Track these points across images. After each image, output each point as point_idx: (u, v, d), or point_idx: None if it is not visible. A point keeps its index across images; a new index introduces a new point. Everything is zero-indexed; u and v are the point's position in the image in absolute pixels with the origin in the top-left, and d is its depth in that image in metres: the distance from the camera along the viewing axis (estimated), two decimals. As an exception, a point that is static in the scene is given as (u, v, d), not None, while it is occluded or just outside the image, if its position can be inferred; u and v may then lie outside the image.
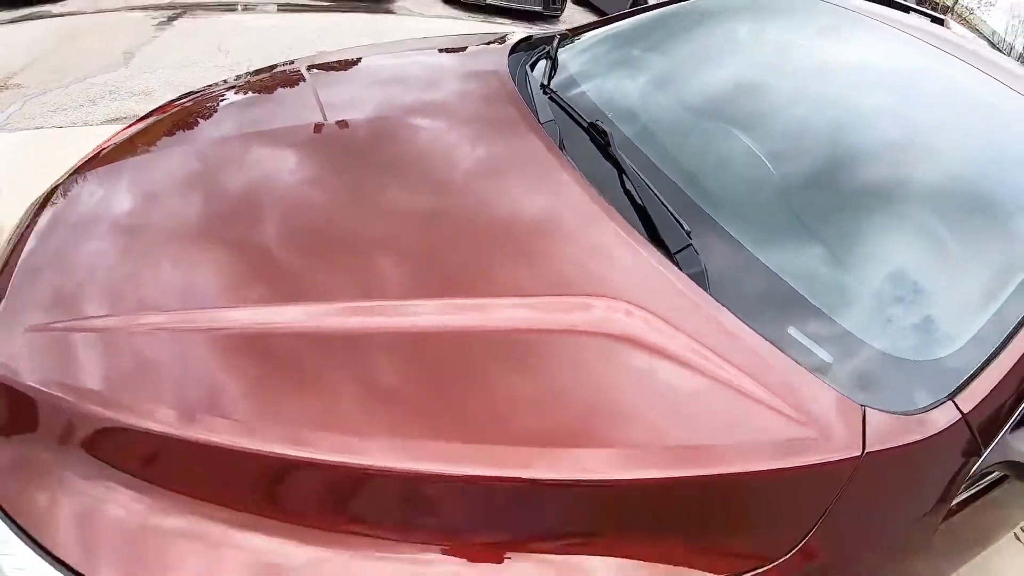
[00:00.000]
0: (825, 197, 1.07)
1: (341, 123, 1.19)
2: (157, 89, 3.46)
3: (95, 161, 1.13)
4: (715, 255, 0.93)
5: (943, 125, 1.16)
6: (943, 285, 0.94)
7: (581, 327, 0.80)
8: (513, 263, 0.89)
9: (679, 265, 0.90)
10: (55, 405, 0.70)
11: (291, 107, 1.27)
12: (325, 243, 0.90)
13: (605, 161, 1.11)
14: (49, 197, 1.04)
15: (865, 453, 0.71)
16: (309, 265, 0.86)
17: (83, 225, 0.95)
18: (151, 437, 0.67)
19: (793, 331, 0.84)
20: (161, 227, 0.92)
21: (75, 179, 1.07)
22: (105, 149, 1.19)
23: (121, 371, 0.73)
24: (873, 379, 0.80)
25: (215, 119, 1.26)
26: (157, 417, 0.67)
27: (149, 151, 1.15)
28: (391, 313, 0.79)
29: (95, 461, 0.67)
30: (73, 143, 2.53)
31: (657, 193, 1.00)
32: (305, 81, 1.36)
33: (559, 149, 1.12)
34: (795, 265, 0.94)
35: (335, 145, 1.13)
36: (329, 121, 1.19)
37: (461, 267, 0.87)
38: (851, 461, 0.70)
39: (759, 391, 0.74)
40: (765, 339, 0.80)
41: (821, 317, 0.86)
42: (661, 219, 0.96)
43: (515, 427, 0.69)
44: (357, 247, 0.90)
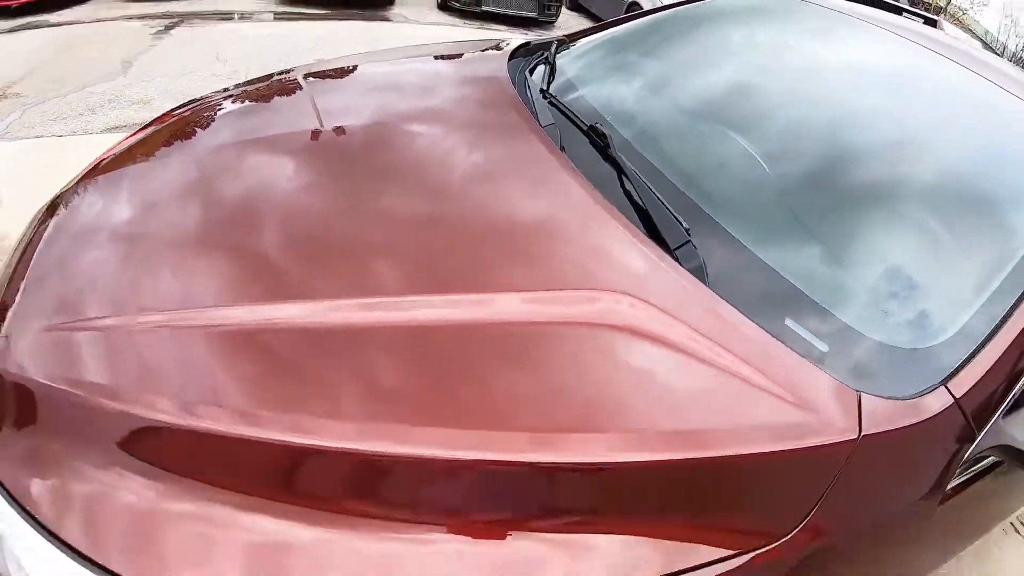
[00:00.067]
0: (818, 195, 1.10)
1: (345, 129, 1.21)
2: (156, 98, 3.49)
3: (98, 170, 1.15)
4: (713, 251, 0.96)
5: (934, 124, 1.19)
6: (934, 276, 0.97)
7: (586, 319, 0.82)
8: (518, 260, 0.92)
9: (679, 260, 0.92)
10: (65, 399, 0.72)
11: (296, 114, 1.29)
12: (329, 246, 0.91)
13: (605, 162, 1.13)
14: (54, 205, 1.06)
15: (862, 436, 0.73)
16: (311, 266, 0.87)
17: (88, 232, 0.97)
18: (158, 428, 0.69)
19: (790, 322, 0.86)
20: (163, 233, 0.94)
21: (79, 188, 1.09)
22: (107, 159, 1.20)
23: (128, 367, 0.75)
24: (868, 366, 0.82)
25: (214, 128, 1.28)
26: (162, 407, 0.69)
27: (149, 160, 1.16)
28: (397, 308, 0.81)
29: (102, 450, 0.69)
30: (73, 152, 2.55)
31: (656, 192, 1.02)
32: (303, 89, 1.38)
33: (560, 151, 1.14)
34: (791, 260, 0.97)
35: (339, 151, 1.14)
36: (333, 127, 1.20)
37: (467, 265, 0.89)
38: (848, 444, 0.73)
39: (760, 379, 0.76)
40: (764, 330, 0.82)
41: (817, 309, 0.89)
42: (660, 217, 0.98)
43: (523, 413, 0.71)
44: (362, 249, 0.91)
